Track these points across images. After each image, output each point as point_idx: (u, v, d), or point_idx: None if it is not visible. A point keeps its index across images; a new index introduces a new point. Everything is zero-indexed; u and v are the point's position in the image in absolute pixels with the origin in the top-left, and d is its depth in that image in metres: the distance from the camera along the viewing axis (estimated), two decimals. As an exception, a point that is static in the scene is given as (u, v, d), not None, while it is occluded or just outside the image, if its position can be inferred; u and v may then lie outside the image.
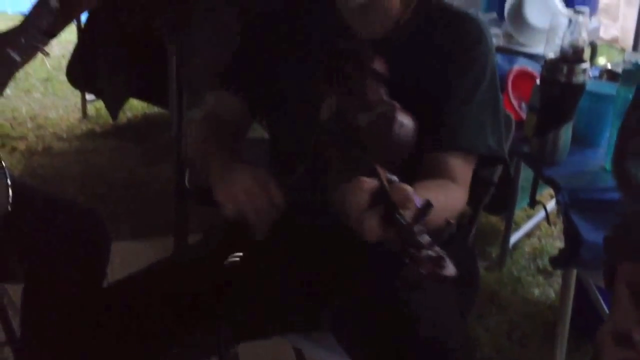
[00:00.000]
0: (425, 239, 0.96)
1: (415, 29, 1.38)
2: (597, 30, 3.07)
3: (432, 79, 1.36)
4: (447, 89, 1.36)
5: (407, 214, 0.97)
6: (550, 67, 1.76)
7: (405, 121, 1.13)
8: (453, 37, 1.37)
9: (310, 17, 1.43)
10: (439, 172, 1.35)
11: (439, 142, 1.36)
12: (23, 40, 1.42)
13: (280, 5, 1.46)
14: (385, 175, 1.03)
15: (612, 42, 5.37)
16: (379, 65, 1.28)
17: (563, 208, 1.67)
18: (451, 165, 1.36)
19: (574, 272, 1.80)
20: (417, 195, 1.06)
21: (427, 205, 0.98)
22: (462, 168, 1.38)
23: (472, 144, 1.38)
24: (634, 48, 2.93)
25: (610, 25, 5.39)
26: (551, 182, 1.74)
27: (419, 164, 1.34)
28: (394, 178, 1.04)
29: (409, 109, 1.18)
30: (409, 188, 1.01)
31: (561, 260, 1.70)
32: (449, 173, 1.35)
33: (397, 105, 1.16)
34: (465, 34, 1.37)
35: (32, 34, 1.43)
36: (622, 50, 4.99)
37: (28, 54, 1.43)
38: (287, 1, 1.47)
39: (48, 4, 1.44)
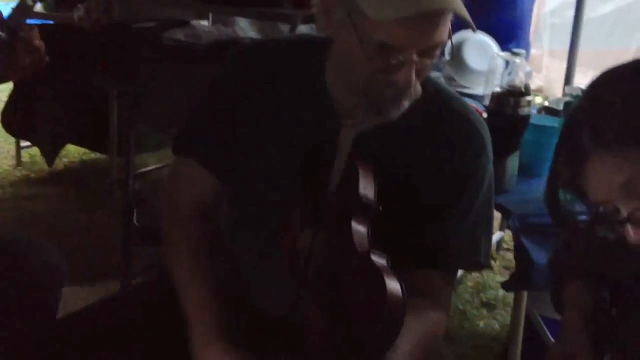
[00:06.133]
0: None
1: (415, 121, 1.23)
2: (530, 74, 3.21)
3: (427, 187, 1.24)
4: (442, 202, 1.25)
5: None
6: (498, 100, 1.84)
7: (392, 285, 1.00)
8: (455, 146, 1.25)
9: (297, 96, 1.28)
10: (420, 291, 1.20)
11: (428, 260, 1.25)
12: None
13: (267, 80, 1.29)
14: None
15: (537, 92, 5.61)
16: (367, 189, 1.12)
17: (514, 233, 1.73)
18: (436, 285, 1.27)
19: (524, 300, 1.85)
20: None
21: None
22: (445, 288, 1.30)
23: (462, 262, 1.33)
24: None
25: (535, 76, 5.64)
26: (502, 209, 1.80)
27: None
28: None
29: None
30: None
31: (513, 283, 1.76)
32: (431, 293, 1.25)
33: (385, 265, 1.03)
34: (467, 144, 1.25)
35: None
36: (547, 99, 5.22)
37: None
38: (276, 79, 1.29)
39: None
